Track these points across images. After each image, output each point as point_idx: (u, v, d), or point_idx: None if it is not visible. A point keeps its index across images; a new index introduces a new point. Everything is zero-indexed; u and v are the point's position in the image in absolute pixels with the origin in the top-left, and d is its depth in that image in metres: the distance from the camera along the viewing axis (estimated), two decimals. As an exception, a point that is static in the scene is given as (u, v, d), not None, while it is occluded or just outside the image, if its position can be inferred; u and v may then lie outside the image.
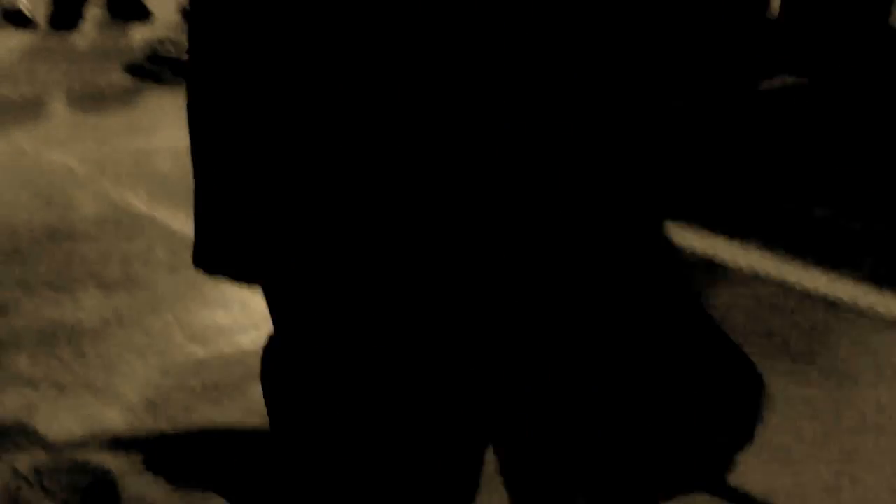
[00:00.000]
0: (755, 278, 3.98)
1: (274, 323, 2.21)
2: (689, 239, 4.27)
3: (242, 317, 3.76)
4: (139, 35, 6.84)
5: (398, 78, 1.85)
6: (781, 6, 6.24)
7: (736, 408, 2.19)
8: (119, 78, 6.14)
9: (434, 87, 1.86)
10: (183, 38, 6.54)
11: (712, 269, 4.09)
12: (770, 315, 3.77)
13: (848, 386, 3.39)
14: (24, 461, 3.00)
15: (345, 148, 1.89)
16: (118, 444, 3.11)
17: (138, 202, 4.59)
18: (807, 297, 3.88)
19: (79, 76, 6.14)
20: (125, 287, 3.93)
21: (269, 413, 2.27)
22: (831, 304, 3.83)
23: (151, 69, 6.23)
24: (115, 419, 3.21)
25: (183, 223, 4.37)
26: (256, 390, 3.29)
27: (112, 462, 3.02)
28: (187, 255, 4.03)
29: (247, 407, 3.28)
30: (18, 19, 7.05)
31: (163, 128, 5.51)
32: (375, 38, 1.86)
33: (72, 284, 3.93)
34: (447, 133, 1.89)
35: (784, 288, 3.94)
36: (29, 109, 5.64)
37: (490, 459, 2.20)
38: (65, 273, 4.00)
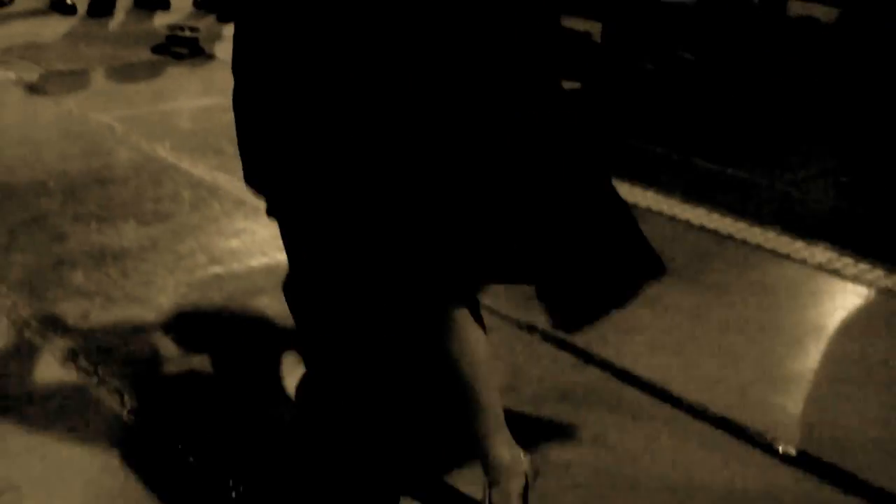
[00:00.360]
0: (652, 214, 4.02)
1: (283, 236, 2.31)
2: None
3: (251, 243, 3.77)
4: (161, 21, 6.75)
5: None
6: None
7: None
8: (146, 55, 6.08)
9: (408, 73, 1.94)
10: (196, 23, 6.51)
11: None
12: (663, 243, 3.81)
13: (723, 296, 3.45)
14: (83, 357, 3.01)
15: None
16: (157, 342, 3.13)
17: (165, 153, 4.57)
18: (692, 228, 3.94)
19: (113, 54, 6.08)
20: (157, 220, 3.93)
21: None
22: (711, 234, 3.89)
23: (171, 49, 6.17)
24: (153, 322, 3.23)
25: (202, 170, 4.37)
26: (262, 300, 3.35)
27: (152, 355, 3.05)
28: (206, 195, 4.06)
29: (254, 312, 3.32)
30: (63, 8, 6.95)
31: (182, 95, 5.49)
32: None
33: (115, 218, 3.92)
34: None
35: (674, 221, 3.99)
36: (75, 80, 5.58)
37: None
38: (109, 209, 3.99)
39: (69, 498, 2.48)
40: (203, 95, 5.42)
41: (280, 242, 2.99)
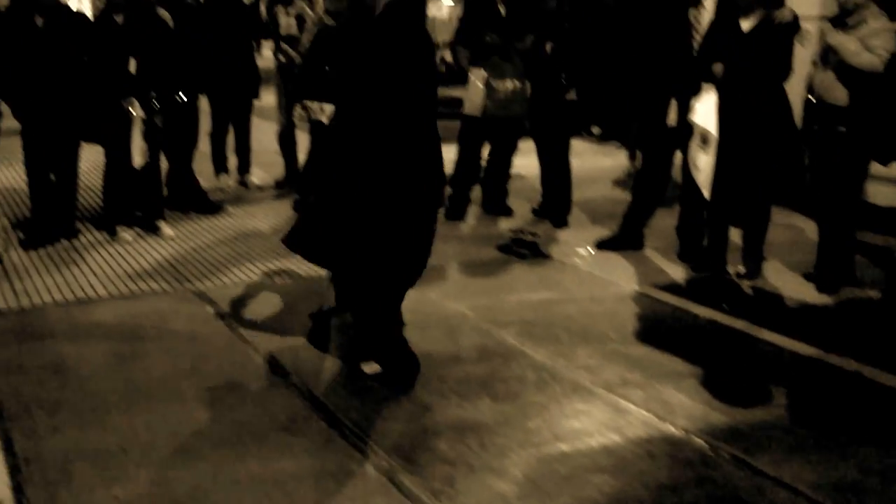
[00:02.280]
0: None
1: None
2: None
3: (589, 424, 3.66)
4: (505, 225, 6.88)
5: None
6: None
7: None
8: (492, 254, 6.17)
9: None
10: (535, 229, 6.57)
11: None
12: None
13: None
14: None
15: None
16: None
17: (510, 338, 4.56)
18: None
19: (466, 252, 6.18)
20: (508, 398, 3.88)
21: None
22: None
23: (514, 249, 6.24)
24: (507, 492, 3.13)
25: (542, 355, 4.32)
26: (600, 478, 3.19)
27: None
28: (548, 378, 3.98)
29: (593, 489, 3.15)
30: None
31: (523, 288, 5.46)
32: None
33: (472, 395, 3.89)
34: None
35: None
36: (434, 273, 5.61)
37: None
38: (465, 386, 3.98)
39: None
40: (541, 289, 5.41)
41: (616, 424, 3.65)
